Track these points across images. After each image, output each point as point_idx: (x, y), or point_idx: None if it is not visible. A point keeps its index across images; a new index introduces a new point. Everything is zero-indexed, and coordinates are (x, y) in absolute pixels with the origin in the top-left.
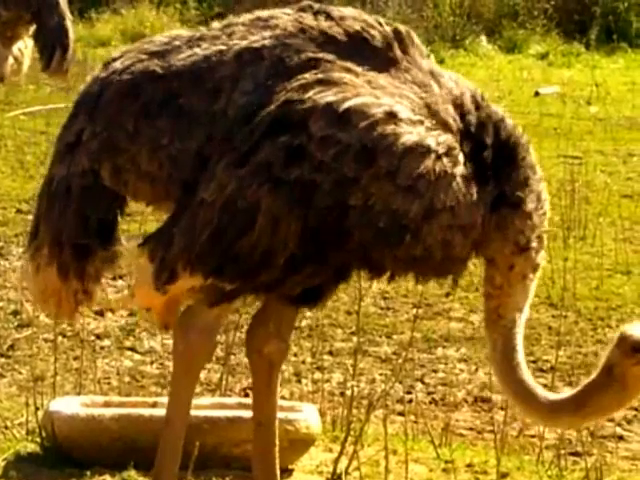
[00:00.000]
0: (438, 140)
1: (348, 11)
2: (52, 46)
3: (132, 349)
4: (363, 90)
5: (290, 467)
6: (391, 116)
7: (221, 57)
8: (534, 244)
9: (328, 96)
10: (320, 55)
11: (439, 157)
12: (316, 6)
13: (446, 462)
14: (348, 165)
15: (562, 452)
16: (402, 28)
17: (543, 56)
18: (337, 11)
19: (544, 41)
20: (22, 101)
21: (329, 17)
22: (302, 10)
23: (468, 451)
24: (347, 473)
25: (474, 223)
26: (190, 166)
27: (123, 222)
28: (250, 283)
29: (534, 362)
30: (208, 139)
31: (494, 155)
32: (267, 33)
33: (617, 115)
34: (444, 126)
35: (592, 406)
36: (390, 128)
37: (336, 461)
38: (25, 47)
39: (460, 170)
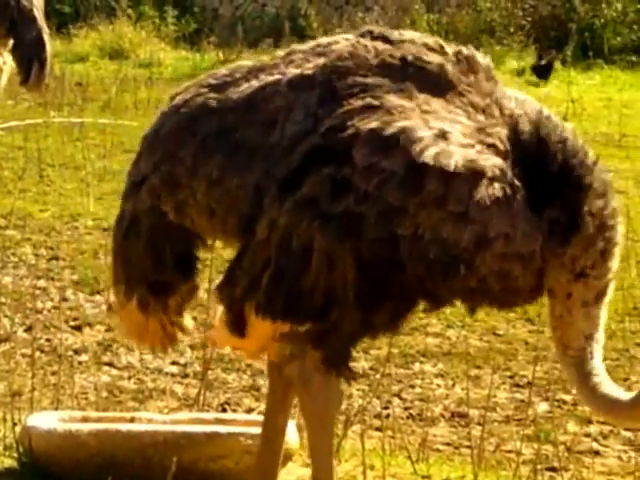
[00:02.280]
0: (489, 164)
1: (409, 34)
2: (30, 60)
3: (110, 364)
4: (412, 114)
5: None
6: (439, 139)
7: (276, 87)
8: (594, 270)
9: (372, 122)
10: (370, 80)
11: (491, 181)
12: (376, 31)
13: (423, 477)
14: (392, 194)
15: (539, 467)
16: (465, 51)
17: (520, 72)
18: (397, 35)
19: (521, 57)
20: (0, 116)
21: (387, 41)
22: (362, 35)
23: (445, 466)
24: None
25: (532, 251)
26: (249, 202)
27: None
28: (323, 323)
29: (511, 377)
30: (265, 173)
31: (551, 178)
32: (322, 60)
33: (593, 131)
34: (497, 150)
35: None
36: (437, 151)
37: None
38: (4, 63)
39: (514, 195)
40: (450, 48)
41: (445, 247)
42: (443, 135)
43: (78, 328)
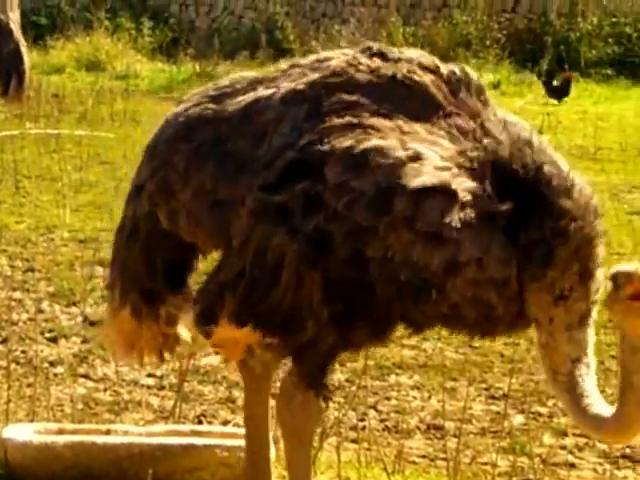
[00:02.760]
0: (463, 187)
1: (409, 52)
2: (8, 73)
3: (86, 376)
4: (390, 134)
5: None
6: (413, 160)
7: (269, 100)
8: (573, 292)
9: (347, 140)
10: (355, 98)
11: (463, 205)
12: (375, 47)
13: None
14: (361, 213)
15: (514, 479)
16: (459, 72)
17: (495, 85)
18: (395, 52)
19: (496, 70)
20: None
21: (384, 58)
22: (361, 51)
23: (421, 478)
24: None
25: (507, 278)
26: (236, 213)
27: None
28: (295, 339)
29: (487, 389)
30: (251, 184)
31: (527, 204)
32: (316, 75)
33: (568, 144)
34: (474, 174)
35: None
36: (409, 171)
37: None
38: None
39: (488, 220)
40: (446, 68)
41: (415, 270)
42: (417, 156)
43: (54, 340)
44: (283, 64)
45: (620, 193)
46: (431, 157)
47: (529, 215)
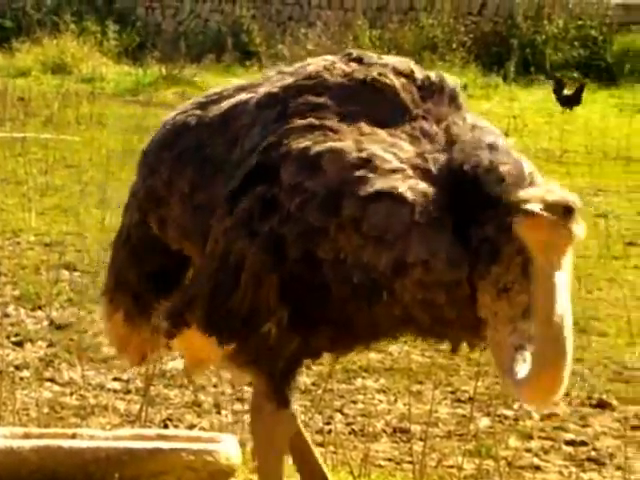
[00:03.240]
0: (414, 189)
1: (388, 58)
2: None
3: (52, 380)
4: (348, 136)
5: None
6: (365, 162)
7: (245, 105)
8: (516, 285)
9: (305, 141)
10: (321, 100)
11: (412, 207)
12: (355, 53)
13: None
14: (313, 214)
15: None
16: (434, 76)
17: (462, 88)
18: (373, 58)
19: (463, 73)
20: None
21: (360, 63)
22: (342, 56)
23: None
24: None
25: (457, 280)
26: (213, 218)
27: None
28: (246, 344)
29: (453, 393)
30: (224, 189)
31: (483, 204)
32: (292, 79)
33: (534, 147)
34: (430, 177)
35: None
36: (359, 173)
37: None
38: None
39: (437, 222)
40: (421, 73)
41: (366, 271)
42: (370, 159)
43: (19, 344)
44: (271, 71)
45: (586, 196)
46: (386, 159)
47: (481, 216)
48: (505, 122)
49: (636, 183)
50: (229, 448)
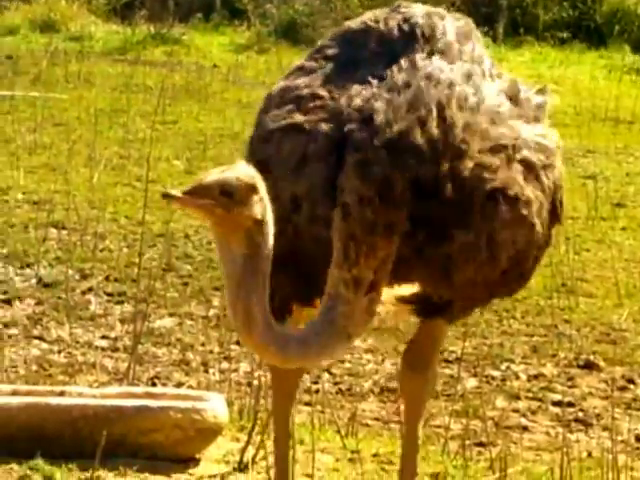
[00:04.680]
0: (314, 126)
1: (414, 6)
2: None
3: (40, 338)
4: (312, 75)
5: (197, 456)
6: (295, 99)
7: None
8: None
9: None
10: (327, 43)
11: (306, 141)
12: (398, 3)
13: (352, 452)
14: (258, 148)
15: (467, 442)
16: (426, 24)
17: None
18: (404, 7)
19: None
20: None
21: (392, 11)
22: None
23: (374, 441)
24: (254, 462)
25: (328, 216)
26: None
27: None
28: None
29: (440, 353)
30: None
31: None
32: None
33: None
34: (338, 118)
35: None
36: (284, 109)
37: (243, 450)
38: None
39: (323, 158)
40: (427, 18)
41: (280, 206)
42: (301, 95)
43: (8, 302)
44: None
45: (574, 157)
46: (317, 96)
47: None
48: None
49: (624, 144)
50: (216, 406)
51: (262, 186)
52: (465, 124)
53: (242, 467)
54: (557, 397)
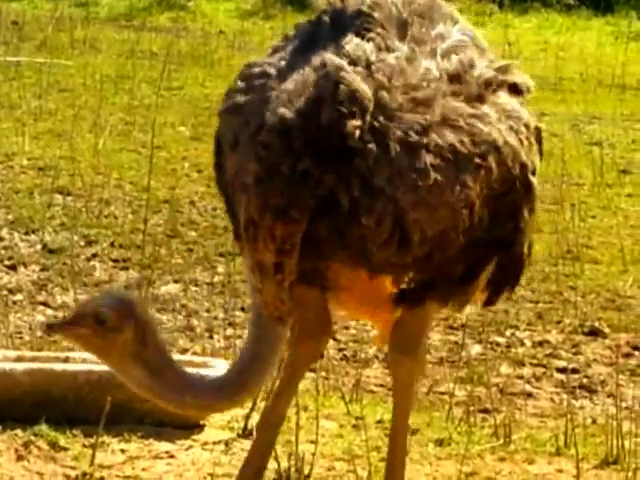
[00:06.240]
0: (245, 109)
1: None
2: None
3: (45, 304)
4: (276, 54)
5: (201, 422)
6: (247, 76)
7: None
8: None
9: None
10: (324, 17)
11: (241, 121)
12: None
13: (356, 418)
14: None
15: (471, 409)
16: (374, 3)
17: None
18: None
19: (457, 0)
20: None
21: None
22: None
23: (379, 407)
24: None
25: None
26: None
27: None
28: None
29: (445, 319)
30: None
31: None
32: None
33: (529, 74)
34: (268, 99)
35: None
36: (237, 85)
37: (247, 417)
38: None
39: (250, 140)
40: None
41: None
42: (252, 74)
43: (13, 267)
44: None
45: (580, 124)
46: (265, 74)
47: None
48: (500, 49)
49: (631, 111)
50: (221, 373)
51: (139, 306)
52: (376, 104)
53: (246, 433)
54: (562, 364)
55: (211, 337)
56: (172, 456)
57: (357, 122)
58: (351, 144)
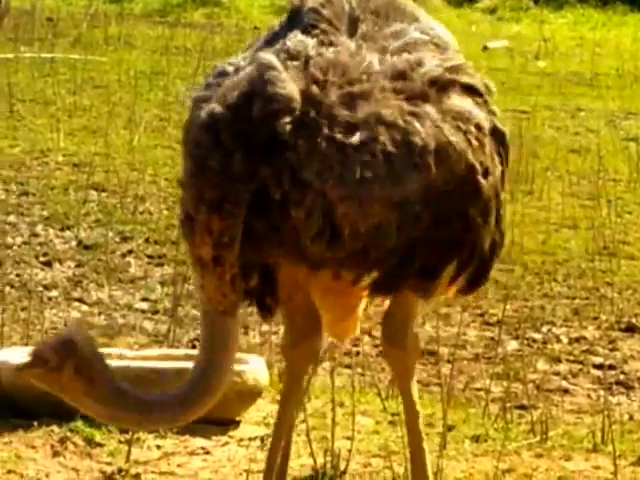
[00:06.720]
0: (202, 105)
1: None
2: None
3: (80, 300)
4: (250, 50)
5: (237, 419)
6: (221, 71)
7: None
8: None
9: None
10: (313, 17)
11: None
12: None
13: (393, 414)
14: None
15: (508, 405)
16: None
17: (492, 10)
18: None
19: None
20: None
21: None
22: None
23: None
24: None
25: None
26: None
27: None
28: None
29: (481, 315)
30: None
31: None
32: None
33: (565, 70)
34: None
35: None
36: (212, 80)
37: None
38: None
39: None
40: None
41: None
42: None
43: (48, 264)
44: None
45: (616, 119)
46: (224, 73)
47: None
48: (535, 45)
49: None
50: (257, 369)
51: (81, 345)
52: (308, 98)
53: None
54: (598, 360)
55: (247, 333)
56: (208, 452)
57: (286, 118)
58: (281, 138)
